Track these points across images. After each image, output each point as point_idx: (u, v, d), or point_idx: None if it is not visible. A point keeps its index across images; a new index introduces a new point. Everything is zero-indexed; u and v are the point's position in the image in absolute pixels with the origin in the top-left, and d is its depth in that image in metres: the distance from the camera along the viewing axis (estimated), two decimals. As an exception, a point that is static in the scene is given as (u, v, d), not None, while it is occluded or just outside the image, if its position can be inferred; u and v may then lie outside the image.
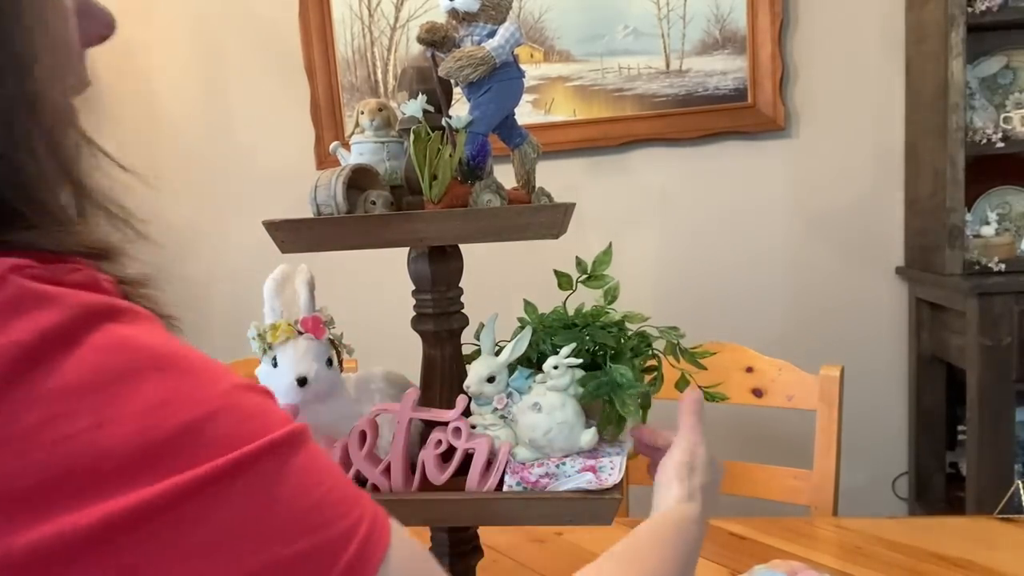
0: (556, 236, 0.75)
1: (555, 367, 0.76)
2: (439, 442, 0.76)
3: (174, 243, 2.53)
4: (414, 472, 0.77)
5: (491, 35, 0.75)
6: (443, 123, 0.77)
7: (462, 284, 0.84)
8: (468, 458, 0.75)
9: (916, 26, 1.90)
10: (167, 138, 2.31)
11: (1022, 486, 1.11)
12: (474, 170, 0.78)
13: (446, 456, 0.76)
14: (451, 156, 0.75)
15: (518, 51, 0.78)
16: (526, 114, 2.07)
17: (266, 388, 0.40)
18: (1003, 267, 1.76)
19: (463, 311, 0.84)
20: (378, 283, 1.87)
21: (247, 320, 0.79)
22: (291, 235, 0.77)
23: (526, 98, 1.54)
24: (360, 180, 0.80)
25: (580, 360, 0.77)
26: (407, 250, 0.83)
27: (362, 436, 0.78)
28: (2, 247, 0.36)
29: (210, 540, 0.33)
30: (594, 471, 0.74)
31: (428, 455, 0.76)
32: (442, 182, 0.75)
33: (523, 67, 0.79)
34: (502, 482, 0.75)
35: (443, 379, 0.83)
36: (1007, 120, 1.83)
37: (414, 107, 0.77)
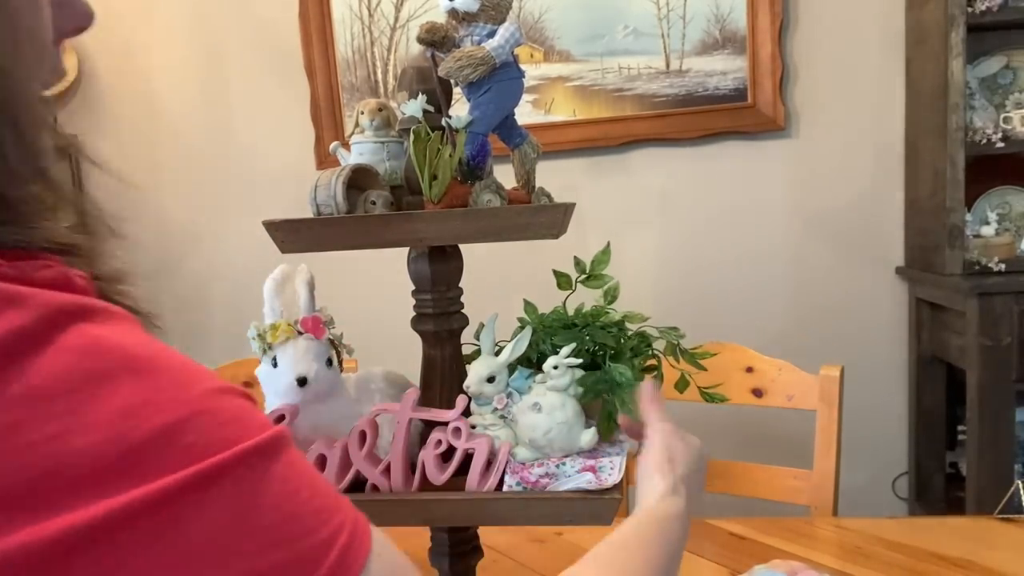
0: (556, 236, 0.75)
1: (555, 367, 0.76)
2: (439, 442, 0.76)
3: (174, 243, 2.55)
4: (414, 472, 0.77)
5: (491, 35, 0.75)
6: (443, 123, 0.77)
7: (462, 284, 0.84)
8: (468, 458, 0.75)
9: (916, 26, 1.90)
10: (167, 138, 2.31)
11: (1022, 486, 1.11)
12: (474, 170, 0.78)
13: (446, 456, 0.76)
14: (451, 156, 0.75)
15: (518, 51, 0.78)
16: (526, 114, 2.07)
17: (246, 391, 0.39)
18: (1003, 267, 1.76)
19: (463, 311, 0.84)
20: (378, 283, 1.87)
21: (247, 320, 0.79)
22: (291, 235, 0.77)
23: (526, 98, 1.54)
24: (360, 180, 0.80)
25: (580, 360, 0.77)
26: (407, 250, 0.83)
27: (362, 436, 0.78)
28: None
29: (183, 550, 0.32)
30: (594, 471, 0.74)
31: (428, 455, 0.76)
32: (442, 182, 0.75)
33: (523, 67, 0.79)
34: (502, 482, 0.75)
35: (443, 379, 0.83)
36: (1007, 120, 1.83)
37: (414, 107, 0.77)
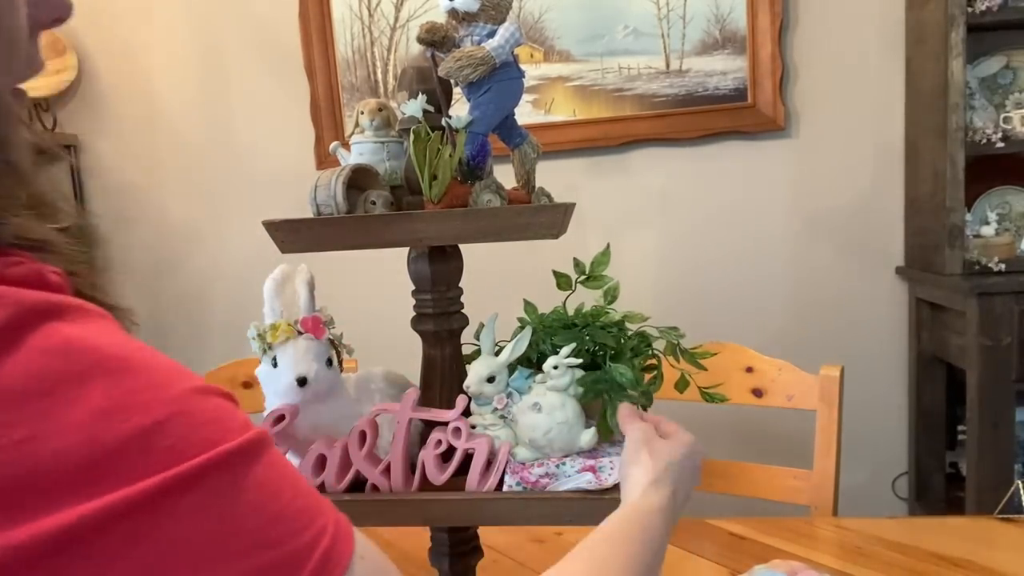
0: (556, 236, 0.75)
1: (555, 367, 0.76)
2: (439, 442, 0.76)
3: (174, 243, 2.55)
4: (414, 472, 0.77)
5: (491, 35, 0.75)
6: (443, 123, 0.77)
7: (462, 284, 0.84)
8: (468, 458, 0.75)
9: (916, 26, 1.90)
10: (167, 138, 2.31)
11: (1022, 486, 1.11)
12: (474, 170, 0.78)
13: (446, 456, 0.76)
14: (451, 156, 0.75)
15: (518, 51, 0.78)
16: (526, 114, 2.07)
17: (226, 391, 0.38)
18: (1003, 267, 1.76)
19: (463, 311, 0.84)
20: (378, 283, 1.87)
21: (247, 320, 0.79)
22: (291, 235, 0.77)
23: (526, 98, 1.54)
24: (360, 180, 0.80)
25: (580, 360, 0.77)
26: (407, 250, 0.83)
27: (362, 436, 0.78)
28: None
29: (161, 557, 0.31)
30: (594, 471, 0.74)
31: (428, 455, 0.76)
32: (442, 182, 0.75)
33: (523, 67, 0.79)
34: (502, 482, 0.75)
35: (443, 379, 0.83)
36: (1007, 120, 1.83)
37: (414, 107, 0.77)
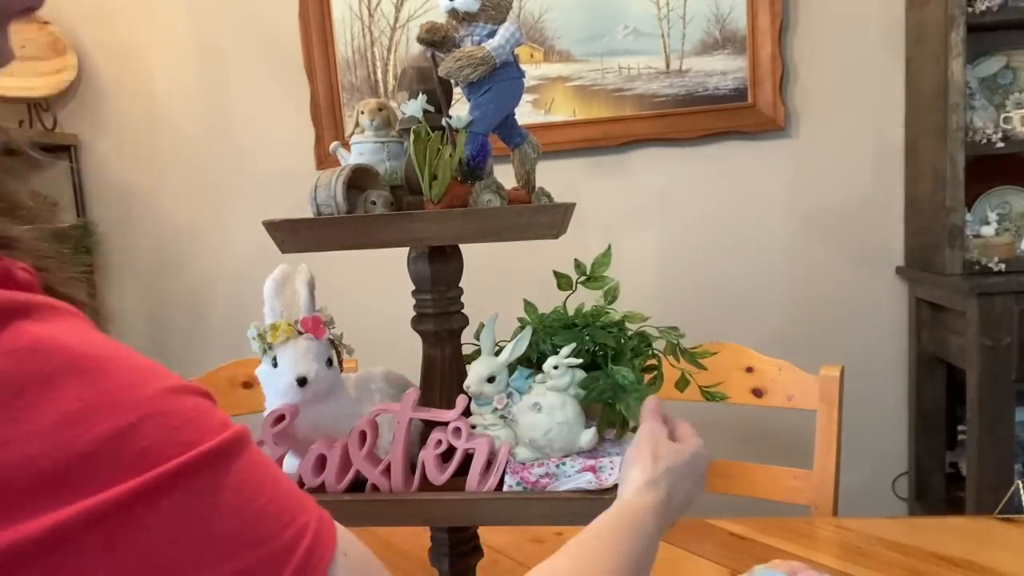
0: (556, 236, 0.75)
1: (555, 367, 0.76)
2: (439, 442, 0.76)
3: (174, 243, 2.55)
4: (414, 472, 0.77)
5: (491, 35, 0.75)
6: (443, 123, 0.77)
7: (462, 284, 0.84)
8: (468, 458, 0.75)
9: (916, 26, 1.90)
10: (167, 138, 2.31)
11: (1022, 486, 1.11)
12: (474, 170, 0.78)
13: (446, 456, 0.76)
14: (451, 156, 0.75)
15: (518, 51, 0.78)
16: (526, 114, 2.07)
17: (204, 389, 0.37)
18: (1003, 267, 1.76)
19: (463, 311, 0.84)
20: (378, 283, 1.87)
21: (247, 320, 0.79)
22: (291, 235, 0.77)
23: (526, 98, 1.54)
24: (360, 180, 0.80)
25: (580, 360, 0.77)
26: (407, 250, 0.83)
27: (362, 436, 0.78)
28: None
29: (136, 563, 0.31)
30: (594, 471, 0.74)
31: (428, 455, 0.76)
32: (442, 182, 0.75)
33: (523, 67, 0.79)
34: (502, 482, 0.75)
35: (443, 379, 0.83)
36: (1007, 120, 1.83)
37: (414, 107, 0.77)
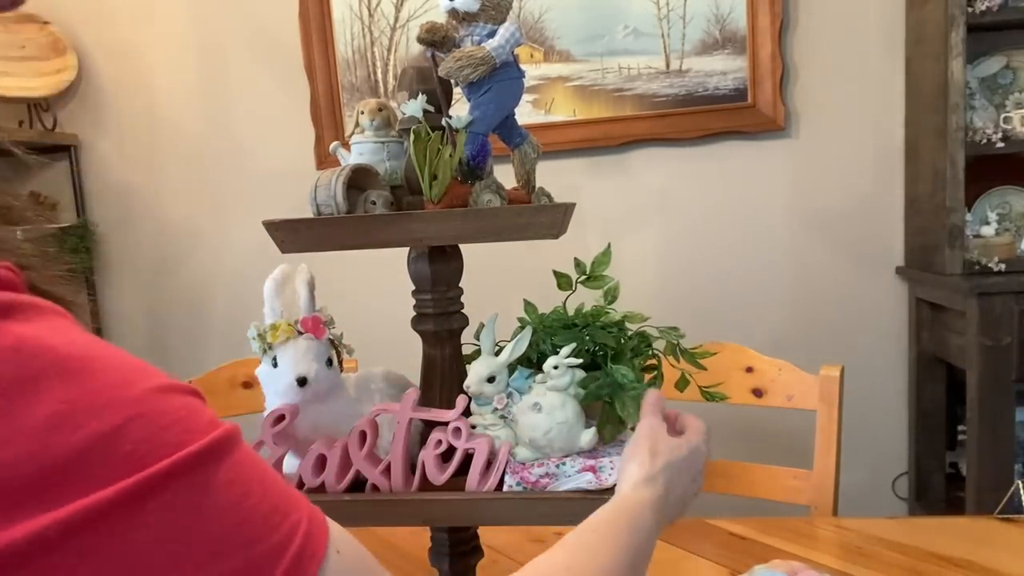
0: (556, 236, 0.75)
1: (555, 367, 0.76)
2: (439, 442, 0.76)
3: (174, 243, 2.55)
4: (414, 472, 0.77)
5: (491, 35, 0.75)
6: (443, 123, 0.77)
7: (462, 284, 0.84)
8: (468, 458, 0.75)
9: (916, 26, 1.90)
10: (167, 138, 2.31)
11: (1022, 486, 1.11)
12: (474, 170, 0.78)
13: (446, 456, 0.76)
14: (451, 156, 0.75)
15: (518, 51, 0.78)
16: (526, 114, 2.07)
17: (193, 388, 0.36)
18: (1003, 267, 1.76)
19: (463, 311, 0.84)
20: (378, 283, 1.87)
21: (247, 320, 0.79)
22: (291, 235, 0.77)
23: (526, 98, 1.54)
24: (360, 180, 0.80)
25: (580, 360, 0.77)
26: (407, 250, 0.83)
27: (362, 436, 0.78)
28: None
29: (125, 567, 0.30)
30: (594, 471, 0.74)
31: (428, 455, 0.76)
32: (442, 182, 0.75)
33: (523, 67, 0.79)
34: (502, 482, 0.75)
35: (443, 379, 0.83)
36: (1007, 120, 1.83)
37: (414, 107, 0.77)
